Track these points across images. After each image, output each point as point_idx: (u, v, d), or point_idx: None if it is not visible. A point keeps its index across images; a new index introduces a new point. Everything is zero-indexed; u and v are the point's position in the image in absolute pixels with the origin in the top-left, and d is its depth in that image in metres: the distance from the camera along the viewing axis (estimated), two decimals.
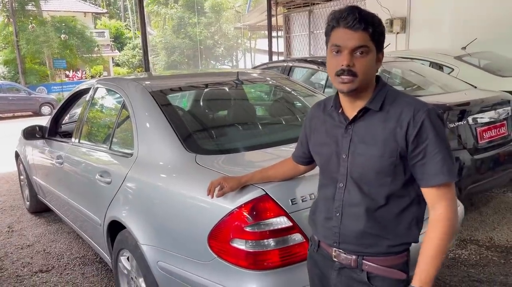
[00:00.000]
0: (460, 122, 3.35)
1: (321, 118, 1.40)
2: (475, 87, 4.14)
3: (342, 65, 1.19)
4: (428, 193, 1.22)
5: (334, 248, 1.33)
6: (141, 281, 2.15)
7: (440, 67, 5.21)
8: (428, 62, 5.31)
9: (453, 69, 5.03)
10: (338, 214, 1.31)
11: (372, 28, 1.18)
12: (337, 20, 1.20)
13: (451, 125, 3.31)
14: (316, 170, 1.58)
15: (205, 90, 2.88)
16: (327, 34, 1.25)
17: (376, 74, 1.29)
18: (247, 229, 1.61)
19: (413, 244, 1.31)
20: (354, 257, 1.29)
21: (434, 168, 1.18)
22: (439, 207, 1.20)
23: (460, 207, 2.46)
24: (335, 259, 1.34)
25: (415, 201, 1.28)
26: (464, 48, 5.64)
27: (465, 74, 4.78)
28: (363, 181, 1.26)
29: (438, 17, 7.70)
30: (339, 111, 1.32)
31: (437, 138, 1.18)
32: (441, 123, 1.22)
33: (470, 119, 3.41)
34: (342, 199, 1.30)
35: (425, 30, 7.96)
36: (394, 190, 1.25)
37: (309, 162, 1.56)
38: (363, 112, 1.26)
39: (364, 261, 1.28)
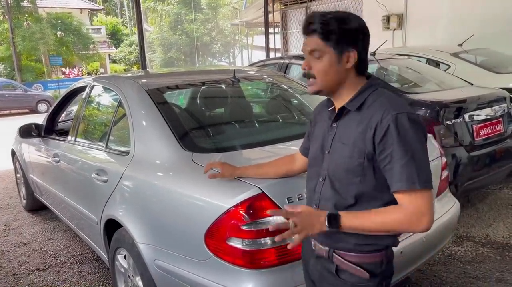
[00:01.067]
0: (457, 119, 3.36)
1: (321, 114, 1.45)
2: (472, 84, 4.15)
3: (303, 69, 1.29)
4: (397, 198, 1.20)
5: (313, 238, 1.40)
6: (138, 280, 2.15)
7: (436, 64, 5.22)
8: (425, 59, 5.31)
9: (449, 66, 5.04)
10: (315, 206, 1.36)
11: (324, 31, 1.22)
12: (302, 29, 1.30)
13: (448, 122, 3.31)
14: None
15: (202, 88, 2.87)
16: None
17: (369, 73, 1.32)
18: (244, 228, 1.61)
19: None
20: (326, 248, 1.35)
21: (395, 174, 1.17)
22: (405, 205, 1.18)
23: (456, 205, 2.48)
24: (314, 248, 1.41)
25: (388, 205, 1.25)
26: (460, 45, 5.64)
27: (461, 71, 4.79)
28: (335, 178, 1.30)
29: (435, 13, 7.70)
30: (330, 109, 1.37)
31: (400, 144, 1.15)
32: (411, 128, 1.17)
33: (466, 116, 3.41)
34: (320, 193, 1.35)
35: (422, 27, 7.97)
36: (364, 191, 1.26)
37: None
38: (345, 111, 1.30)
39: (334, 254, 1.32)
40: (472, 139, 3.43)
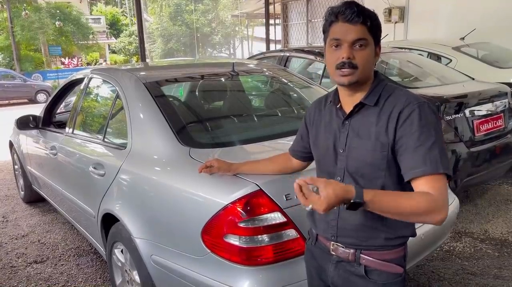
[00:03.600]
0: (457, 115, 3.33)
1: (321, 113, 1.42)
2: (473, 79, 4.12)
3: (343, 58, 1.21)
4: (416, 184, 1.16)
5: (332, 242, 1.34)
6: (135, 274, 2.14)
7: (438, 57, 5.18)
8: (426, 53, 5.27)
9: (451, 60, 5.00)
10: (335, 208, 1.30)
11: (369, 22, 1.21)
12: (335, 15, 1.22)
13: (448, 118, 3.29)
14: (311, 165, 1.57)
15: (200, 81, 2.84)
16: (326, 30, 1.27)
17: (374, 69, 1.30)
18: (241, 224, 1.59)
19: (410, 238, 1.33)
20: (352, 251, 1.30)
21: (416, 160, 1.15)
22: (429, 191, 1.13)
23: (455, 201, 2.46)
24: (332, 253, 1.35)
25: None
26: (462, 38, 5.60)
27: (463, 65, 4.76)
28: (358, 175, 1.27)
29: (437, 6, 7.64)
30: (337, 106, 1.33)
31: (424, 129, 1.16)
32: (434, 118, 1.20)
33: (467, 111, 3.39)
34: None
35: (424, 20, 7.90)
36: (390, 183, 1.25)
37: (308, 157, 1.55)
38: (359, 107, 1.27)
39: (362, 255, 1.29)
40: (472, 134, 3.41)
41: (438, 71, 4.36)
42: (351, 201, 1.07)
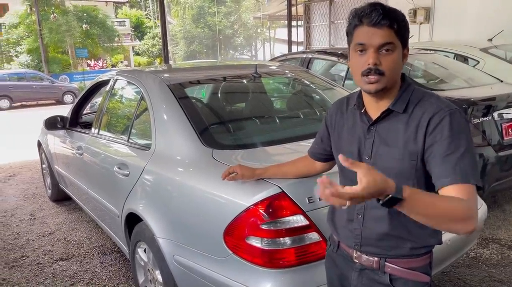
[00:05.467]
0: (485, 118, 3.25)
1: (343, 116, 1.36)
2: (501, 81, 4.01)
3: (369, 64, 1.14)
4: (445, 194, 1.10)
5: (356, 250, 1.31)
6: (158, 274, 2.17)
7: (465, 59, 5.06)
8: (453, 54, 5.16)
9: (478, 62, 4.88)
10: (360, 216, 1.28)
11: (396, 24, 1.14)
12: (359, 18, 1.16)
13: (476, 121, 3.21)
14: (334, 169, 1.55)
15: (223, 83, 2.86)
16: (350, 33, 1.20)
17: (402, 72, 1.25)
18: (263, 226, 1.59)
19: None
20: (376, 259, 1.27)
21: (445, 169, 1.10)
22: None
23: (483, 207, 2.40)
24: (356, 260, 1.31)
25: None
26: (490, 39, 5.46)
27: (491, 66, 4.63)
28: None
29: (463, 7, 7.47)
30: (362, 111, 1.28)
31: (453, 139, 1.10)
32: (465, 126, 1.14)
33: (495, 114, 3.30)
34: (364, 201, 1.27)
35: (450, 21, 7.74)
36: None
37: (328, 159, 1.52)
38: (386, 114, 1.22)
39: (386, 263, 1.25)
40: (501, 138, 3.31)
41: (465, 73, 4.26)
42: (390, 195, 0.94)
